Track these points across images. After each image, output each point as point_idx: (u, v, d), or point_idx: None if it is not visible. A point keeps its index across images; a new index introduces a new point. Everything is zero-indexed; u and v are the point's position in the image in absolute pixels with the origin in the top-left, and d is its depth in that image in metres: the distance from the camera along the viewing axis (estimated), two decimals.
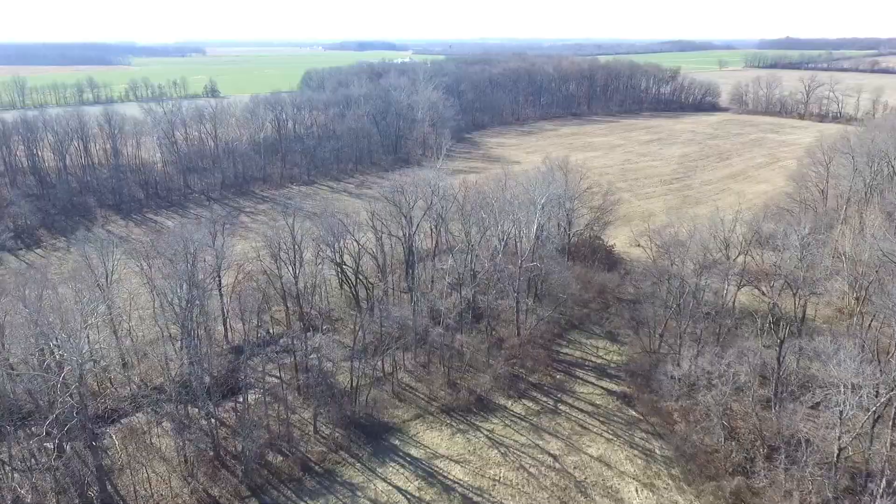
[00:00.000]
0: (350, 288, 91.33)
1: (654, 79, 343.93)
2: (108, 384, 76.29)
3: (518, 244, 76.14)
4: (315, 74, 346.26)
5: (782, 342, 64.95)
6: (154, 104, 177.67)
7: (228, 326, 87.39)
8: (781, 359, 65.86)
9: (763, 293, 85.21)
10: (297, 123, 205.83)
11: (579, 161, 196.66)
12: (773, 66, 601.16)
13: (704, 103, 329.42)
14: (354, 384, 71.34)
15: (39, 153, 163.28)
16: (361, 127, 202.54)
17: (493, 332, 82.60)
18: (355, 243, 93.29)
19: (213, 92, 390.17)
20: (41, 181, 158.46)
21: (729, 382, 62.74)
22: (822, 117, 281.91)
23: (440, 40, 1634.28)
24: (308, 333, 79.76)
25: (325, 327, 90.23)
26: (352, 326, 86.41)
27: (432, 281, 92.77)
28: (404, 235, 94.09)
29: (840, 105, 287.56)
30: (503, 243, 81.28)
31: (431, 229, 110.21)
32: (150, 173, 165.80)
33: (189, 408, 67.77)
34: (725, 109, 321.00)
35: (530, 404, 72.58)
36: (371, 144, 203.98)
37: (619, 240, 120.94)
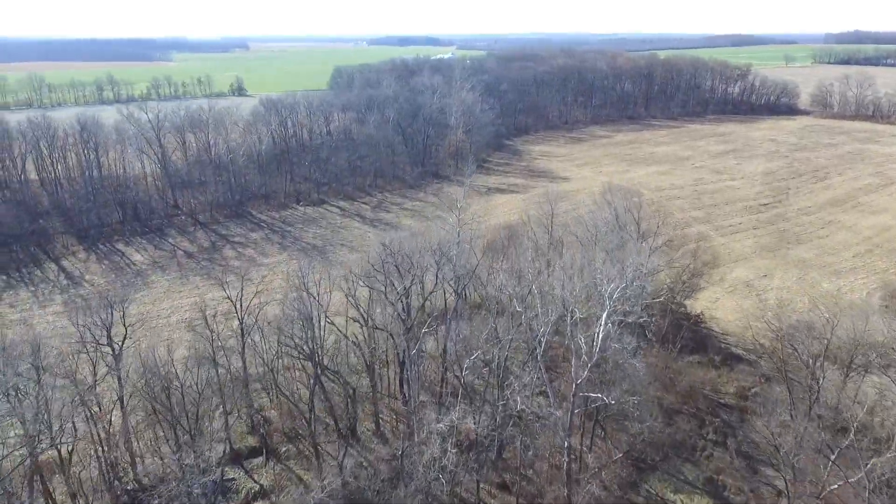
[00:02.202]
0: (322, 394, 62.62)
1: (721, 77, 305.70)
2: None
3: (573, 360, 46.53)
4: (345, 72, 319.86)
5: None
6: (137, 107, 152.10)
7: (134, 452, 59.84)
8: None
9: None
10: (308, 130, 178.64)
11: (640, 179, 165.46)
12: (847, 61, 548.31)
13: (780, 105, 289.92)
14: None
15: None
16: (384, 134, 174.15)
17: (527, 487, 52.92)
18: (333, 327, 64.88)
19: (239, 90, 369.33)
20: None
21: None
22: None
23: (485, 35, 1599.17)
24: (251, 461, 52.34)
25: (283, 450, 62.21)
26: (315, 462, 57.92)
27: (439, 401, 62.81)
28: (397, 327, 63.54)
29: None
30: (541, 349, 50.90)
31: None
32: (130, 191, 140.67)
33: None
34: (805, 112, 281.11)
35: None
36: (395, 154, 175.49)
37: (700, 295, 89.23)
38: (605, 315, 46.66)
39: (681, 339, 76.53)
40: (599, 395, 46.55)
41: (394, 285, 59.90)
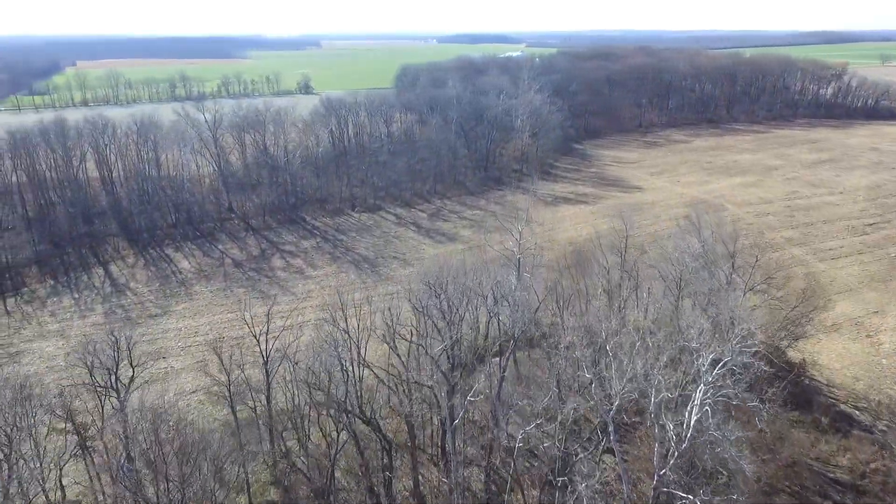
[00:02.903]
0: (354, 444, 54.62)
1: (812, 77, 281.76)
2: None
3: (655, 445, 36.42)
4: (410, 70, 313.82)
5: None
6: (194, 106, 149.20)
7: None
8: None
9: None
10: (368, 133, 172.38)
11: (723, 192, 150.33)
12: None
13: (880, 109, 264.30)
14: None
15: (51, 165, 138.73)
16: (445, 137, 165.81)
17: None
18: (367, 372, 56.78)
19: (306, 88, 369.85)
20: (46, 201, 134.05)
21: None
22: None
23: (556, 32, 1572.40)
24: None
25: None
26: None
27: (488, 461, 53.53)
28: (439, 380, 54.48)
29: None
30: (613, 431, 40.57)
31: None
32: (185, 192, 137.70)
33: None
34: None
35: None
36: (456, 159, 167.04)
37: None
38: (699, 393, 36.45)
39: (781, 394, 64.44)
40: (689, 498, 36.02)
41: (438, 330, 51.14)
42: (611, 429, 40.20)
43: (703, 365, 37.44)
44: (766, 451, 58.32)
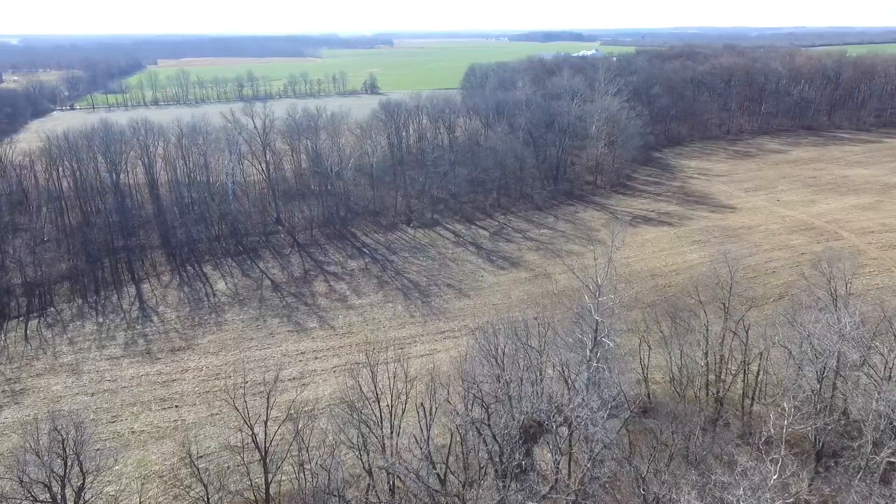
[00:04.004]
0: None
1: None
2: None
3: None
4: (479, 70, 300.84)
5: None
6: (242, 106, 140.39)
7: None
8: None
9: None
10: (431, 141, 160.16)
11: (835, 215, 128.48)
12: None
13: None
14: None
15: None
16: (512, 145, 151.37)
17: None
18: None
19: (372, 88, 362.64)
20: (89, 209, 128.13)
21: None
22: None
23: (631, 29, 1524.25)
24: None
25: None
26: None
27: None
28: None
29: None
30: None
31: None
32: (231, 202, 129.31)
33: None
34: None
35: None
36: (523, 170, 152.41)
37: None
38: None
39: None
40: None
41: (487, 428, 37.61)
42: None
43: None
44: None
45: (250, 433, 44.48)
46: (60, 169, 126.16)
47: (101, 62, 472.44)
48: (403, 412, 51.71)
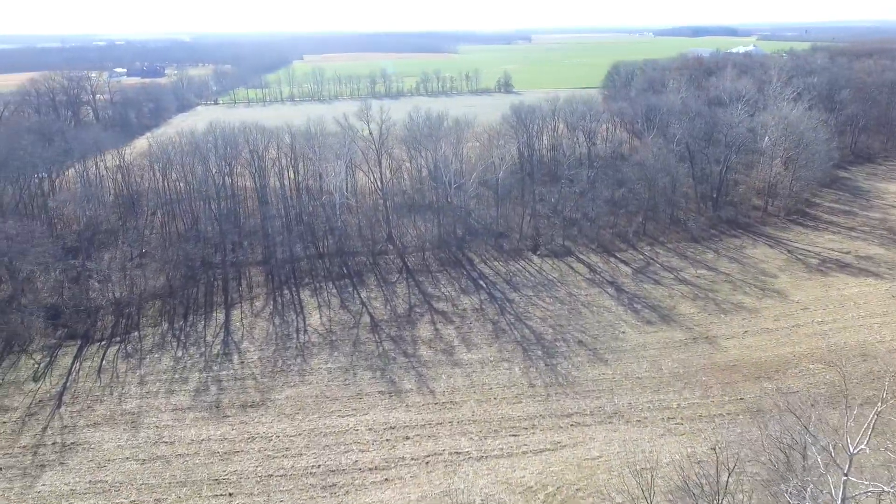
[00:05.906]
0: None
1: None
2: None
3: None
4: (623, 69, 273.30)
5: None
6: (357, 109, 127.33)
7: None
8: None
9: None
10: (569, 153, 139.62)
11: None
12: None
13: None
14: None
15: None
16: (664, 160, 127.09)
17: None
18: None
19: (505, 87, 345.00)
20: (192, 217, 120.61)
21: None
22: None
23: (792, 24, 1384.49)
24: None
25: None
26: None
27: None
28: None
29: None
30: None
31: None
32: (339, 216, 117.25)
33: None
34: None
35: None
36: (675, 190, 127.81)
37: None
38: None
39: None
40: None
41: None
42: None
43: None
44: None
45: None
46: (168, 173, 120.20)
47: (249, 57, 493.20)
48: None
